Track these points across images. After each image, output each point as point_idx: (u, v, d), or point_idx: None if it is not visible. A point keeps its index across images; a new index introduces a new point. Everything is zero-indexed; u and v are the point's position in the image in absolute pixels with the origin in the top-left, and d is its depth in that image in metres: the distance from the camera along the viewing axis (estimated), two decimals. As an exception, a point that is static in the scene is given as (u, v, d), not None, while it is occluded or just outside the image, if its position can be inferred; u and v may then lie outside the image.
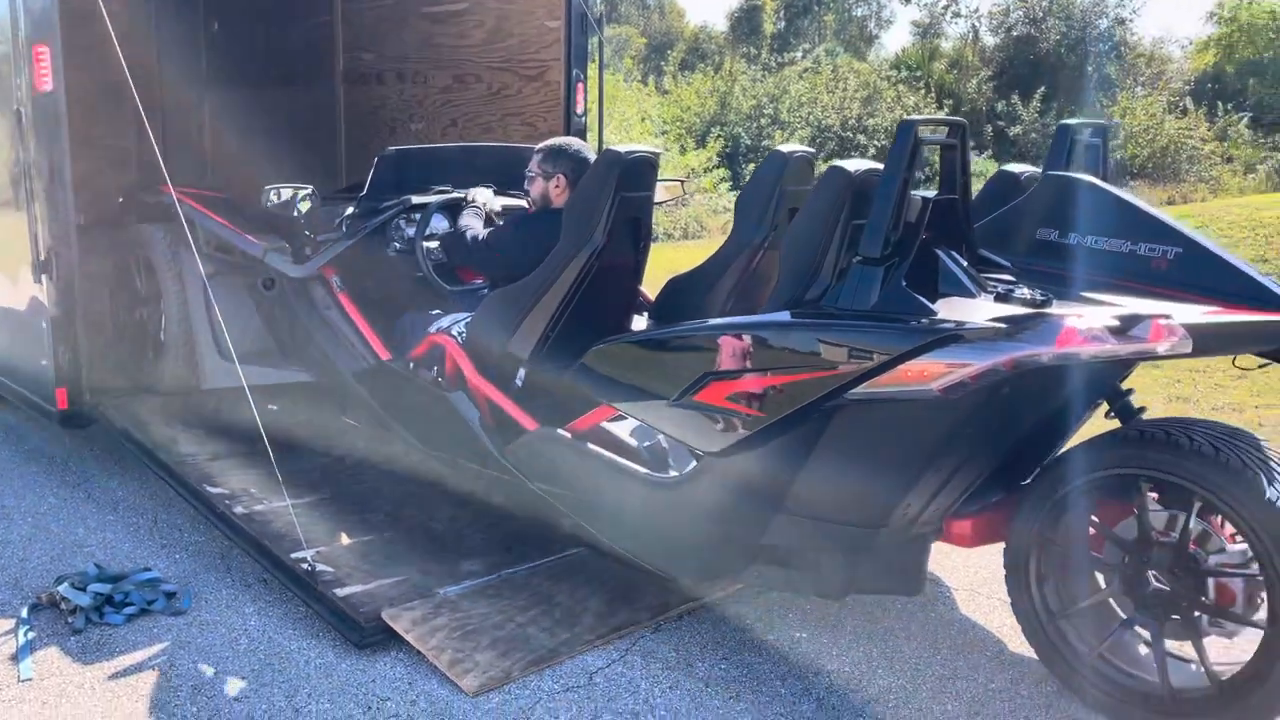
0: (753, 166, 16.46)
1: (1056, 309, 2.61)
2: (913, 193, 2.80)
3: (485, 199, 4.29)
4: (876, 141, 20.15)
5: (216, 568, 3.65)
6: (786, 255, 3.11)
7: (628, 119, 17.03)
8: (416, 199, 4.29)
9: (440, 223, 4.21)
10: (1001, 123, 22.16)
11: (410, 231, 4.25)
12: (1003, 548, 3.01)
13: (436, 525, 3.90)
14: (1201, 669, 2.70)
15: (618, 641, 3.19)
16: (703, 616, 3.36)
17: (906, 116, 2.94)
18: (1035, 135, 20.93)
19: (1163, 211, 3.10)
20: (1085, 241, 3.06)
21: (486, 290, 4.03)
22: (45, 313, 4.40)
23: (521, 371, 3.67)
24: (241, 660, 3.06)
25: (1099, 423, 3.11)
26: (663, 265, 5.05)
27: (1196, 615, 2.70)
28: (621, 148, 3.50)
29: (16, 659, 3.03)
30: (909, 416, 2.72)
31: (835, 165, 3.01)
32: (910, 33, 32.67)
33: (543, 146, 3.88)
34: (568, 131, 5.44)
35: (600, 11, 6.06)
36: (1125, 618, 2.86)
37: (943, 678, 3.06)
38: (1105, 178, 3.34)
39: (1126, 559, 2.80)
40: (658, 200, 4.02)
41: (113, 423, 4.61)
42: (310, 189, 4.41)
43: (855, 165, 3.00)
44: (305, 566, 3.43)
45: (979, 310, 2.64)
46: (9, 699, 2.85)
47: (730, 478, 3.03)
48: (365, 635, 3.14)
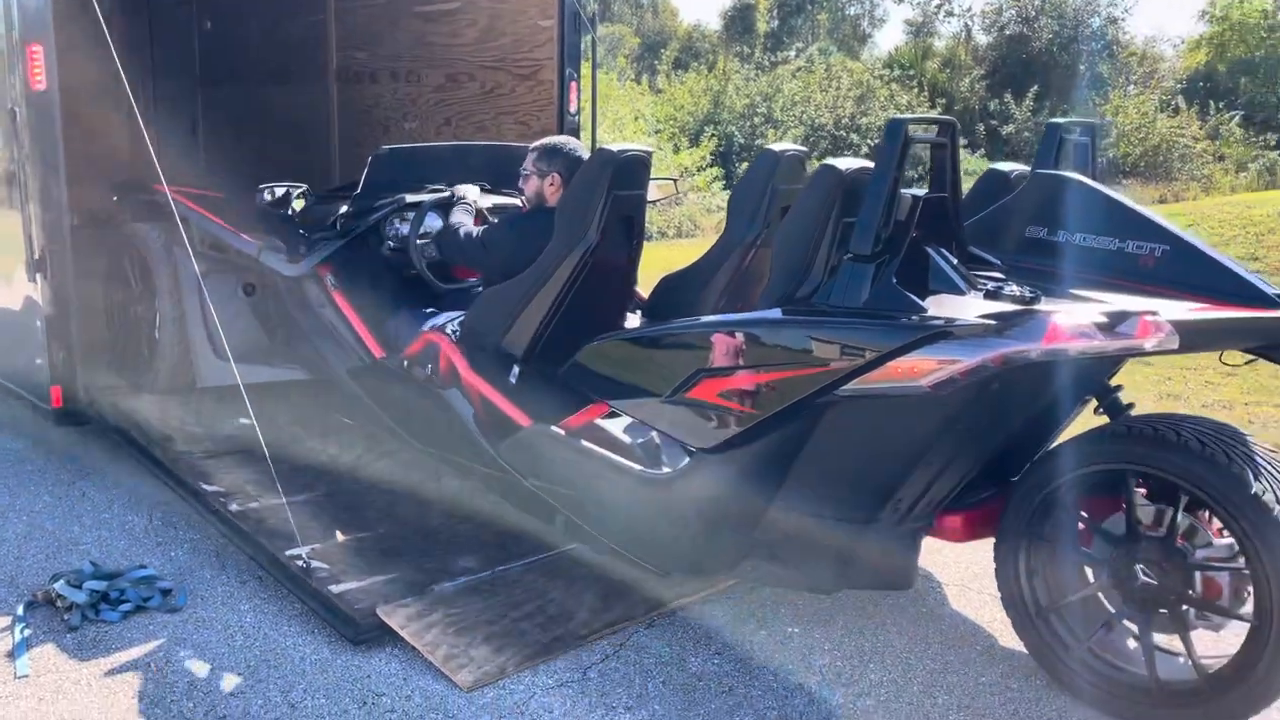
0: (746, 165, 16.46)
1: (1045, 306, 2.63)
2: (903, 191, 2.82)
3: (474, 195, 4.31)
4: (870, 140, 20.17)
5: (212, 565, 3.67)
6: (778, 253, 3.14)
7: (621, 118, 17.03)
8: (410, 197, 4.30)
9: (434, 221, 4.23)
10: (994, 121, 22.23)
11: (404, 230, 4.26)
12: (993, 543, 3.04)
13: (431, 522, 3.92)
14: (1189, 662, 2.73)
15: (611, 637, 3.20)
16: (696, 612, 3.38)
17: (896, 115, 2.96)
18: (1028, 134, 20.99)
19: (1150, 210, 3.13)
20: (1074, 239, 3.10)
21: (480, 288, 4.05)
22: (40, 311, 4.41)
23: (515, 368, 3.69)
24: (237, 656, 3.07)
25: (1088, 419, 3.14)
26: (656, 264, 5.06)
27: (1184, 609, 2.73)
28: (614, 146, 3.52)
29: (13, 656, 3.04)
30: (900, 412, 2.74)
31: (826, 164, 3.03)
32: (903, 31, 32.71)
33: (538, 145, 3.89)
34: (561, 130, 5.45)
35: (593, 10, 6.07)
36: (1114, 612, 2.89)
37: (934, 672, 3.09)
38: (1094, 176, 3.37)
39: (1115, 553, 2.83)
40: (651, 199, 4.03)
41: (107, 421, 4.63)
42: (304, 187, 4.44)
43: (846, 163, 3.02)
44: (300, 563, 3.44)
45: (968, 307, 2.67)
46: (6, 695, 2.86)
47: (723, 474, 3.05)
48: (360, 631, 3.16)
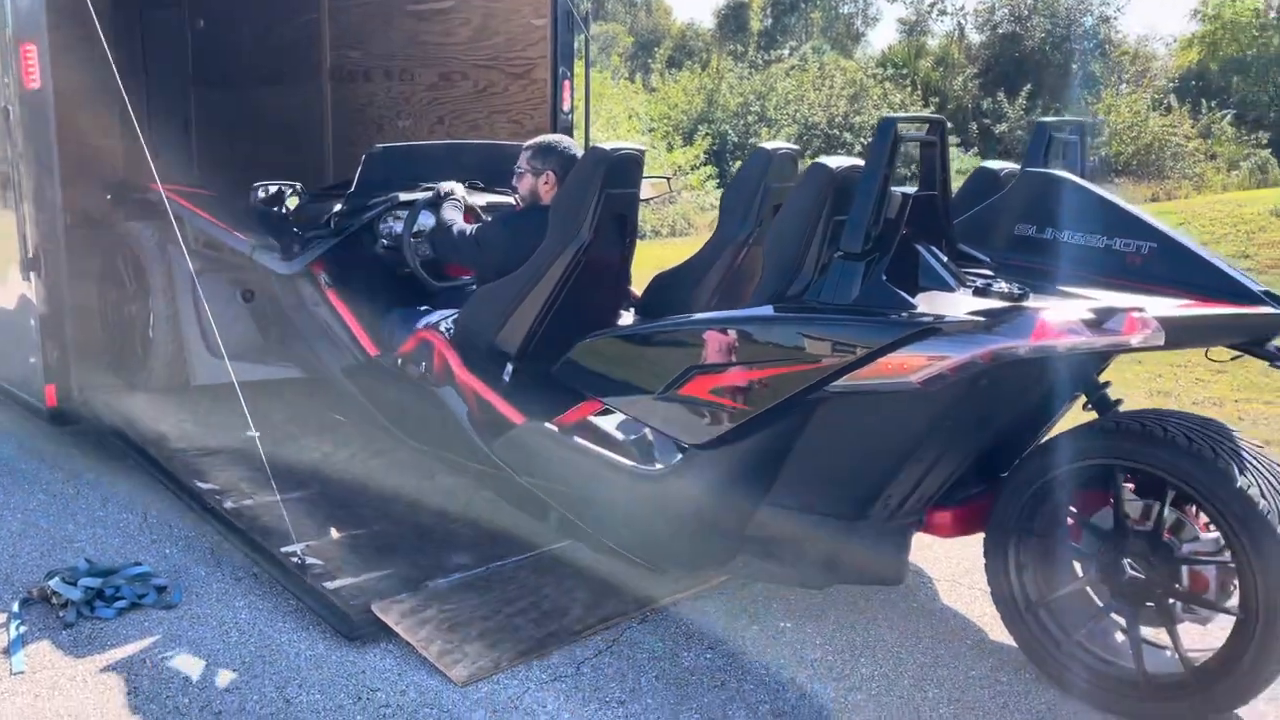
0: (739, 164, 16.47)
1: (1033, 302, 2.65)
2: (893, 189, 2.84)
3: (461, 191, 4.31)
4: (863, 139, 20.18)
5: (207, 562, 3.68)
6: (770, 251, 3.15)
7: (615, 116, 17.02)
8: (404, 196, 4.31)
9: (428, 219, 4.24)
10: (987, 120, 22.27)
11: (398, 228, 4.27)
12: (982, 538, 3.06)
13: (425, 519, 3.93)
14: (1175, 655, 2.76)
15: (605, 632, 3.22)
16: (688, 607, 3.40)
17: (887, 114, 2.98)
18: (1021, 132, 21.01)
19: (1138, 208, 3.16)
20: (1062, 237, 3.12)
21: (474, 286, 4.06)
22: (34, 310, 4.41)
23: (509, 366, 3.71)
24: (232, 653, 3.09)
25: (1077, 415, 3.17)
26: (650, 262, 5.08)
27: (1171, 602, 2.76)
28: (607, 145, 3.53)
29: (9, 653, 3.05)
30: (890, 409, 2.77)
31: (817, 162, 3.05)
32: (897, 30, 32.81)
33: (532, 143, 3.90)
34: (554, 129, 5.46)
35: (586, 9, 6.08)
36: (1102, 605, 2.91)
37: (924, 665, 3.11)
38: (1083, 175, 3.39)
39: (1103, 548, 2.85)
40: (646, 197, 4.05)
41: (102, 419, 4.63)
42: (298, 186, 4.45)
43: (837, 162, 3.04)
44: (295, 560, 3.46)
45: (958, 304, 2.69)
46: (2, 691, 2.87)
47: (715, 470, 3.07)
48: (355, 627, 3.17)
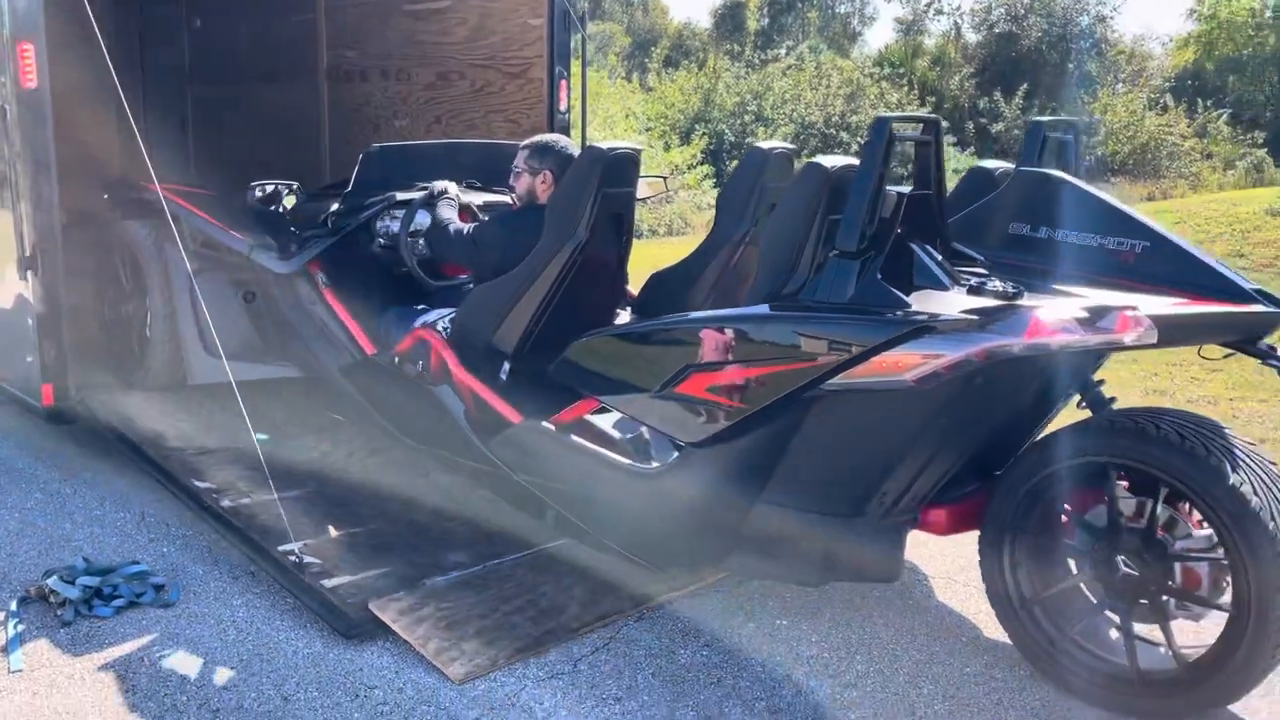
0: (736, 163, 16.48)
1: (1027, 301, 2.67)
2: (888, 188, 2.86)
3: (455, 190, 4.32)
4: (859, 138, 20.19)
5: (204, 560, 3.68)
6: (766, 250, 3.17)
7: (611, 116, 17.03)
8: (401, 195, 4.32)
9: (425, 218, 4.25)
10: (984, 119, 22.29)
11: (395, 227, 4.28)
12: (977, 535, 3.08)
13: (422, 517, 3.94)
14: (1169, 651, 2.78)
15: (602, 630, 3.23)
16: (685, 605, 3.41)
17: (881, 113, 3.00)
18: (1017, 132, 21.03)
19: (1132, 207, 3.17)
20: (1056, 235, 3.14)
21: (471, 285, 4.07)
22: (31, 309, 4.41)
23: (506, 365, 3.72)
24: (230, 651, 3.10)
25: (1071, 413, 3.18)
26: (647, 261, 5.09)
27: (1164, 599, 2.77)
28: (604, 144, 3.55)
29: (6, 651, 3.06)
30: (885, 407, 2.78)
31: (812, 162, 3.07)
32: (893, 29, 32.81)
33: (529, 142, 3.91)
34: (551, 128, 5.47)
35: (583, 9, 6.09)
36: (1096, 602, 2.93)
37: (919, 662, 3.12)
38: (1077, 174, 3.41)
39: (1097, 545, 2.87)
40: (642, 196, 4.06)
41: (99, 418, 4.63)
42: (295, 185, 4.45)
43: (832, 161, 3.06)
44: (293, 558, 3.47)
45: (952, 302, 2.71)
46: (0, 689, 2.88)
47: (711, 468, 3.08)
48: (352, 625, 3.18)
